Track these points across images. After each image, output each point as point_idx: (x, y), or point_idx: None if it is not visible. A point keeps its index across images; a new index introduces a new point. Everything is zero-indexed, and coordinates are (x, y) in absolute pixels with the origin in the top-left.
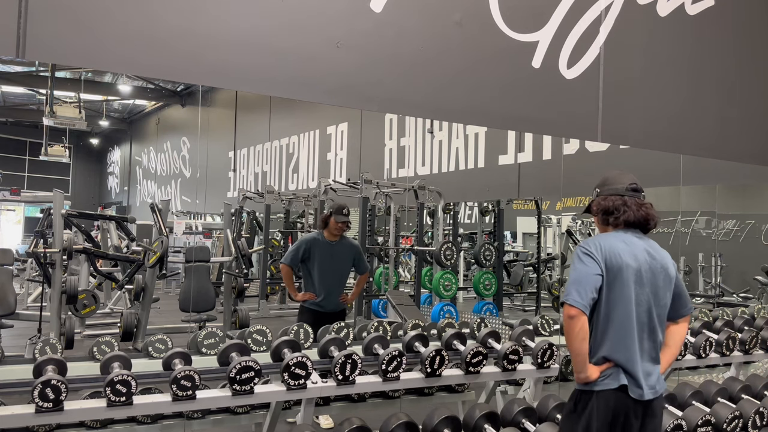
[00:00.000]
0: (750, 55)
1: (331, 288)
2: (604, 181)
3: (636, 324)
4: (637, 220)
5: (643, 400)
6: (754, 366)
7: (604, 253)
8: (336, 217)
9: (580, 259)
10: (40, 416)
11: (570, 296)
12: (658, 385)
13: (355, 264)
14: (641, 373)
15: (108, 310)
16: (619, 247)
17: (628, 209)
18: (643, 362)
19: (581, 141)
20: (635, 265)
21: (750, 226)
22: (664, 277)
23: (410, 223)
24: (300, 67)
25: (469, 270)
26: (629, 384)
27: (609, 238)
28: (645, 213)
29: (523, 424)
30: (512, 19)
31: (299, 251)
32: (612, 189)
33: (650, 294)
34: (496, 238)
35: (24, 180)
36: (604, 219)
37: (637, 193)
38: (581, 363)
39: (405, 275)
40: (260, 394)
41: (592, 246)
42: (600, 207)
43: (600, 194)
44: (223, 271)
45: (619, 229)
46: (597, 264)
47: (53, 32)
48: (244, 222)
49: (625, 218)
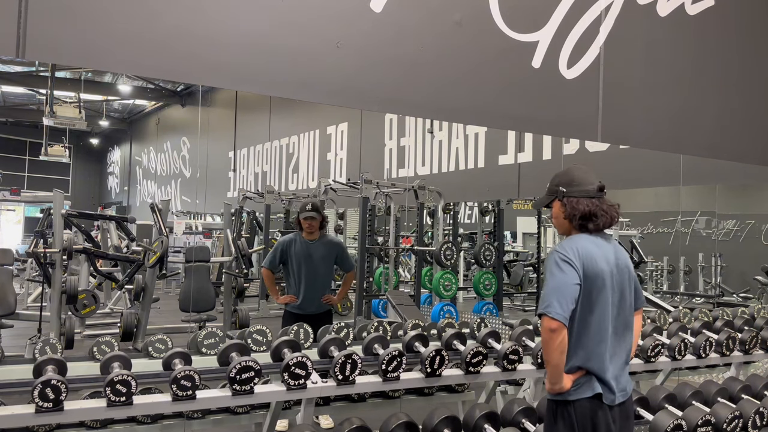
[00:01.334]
0: (750, 55)
1: (310, 289)
2: (571, 179)
3: (611, 329)
4: (609, 223)
5: (616, 405)
6: (754, 366)
7: (582, 259)
8: (301, 215)
9: (558, 266)
10: (40, 416)
11: (551, 308)
12: (628, 385)
13: (339, 262)
14: (614, 379)
15: (108, 310)
16: (594, 252)
17: (605, 214)
18: (614, 367)
19: (581, 141)
20: (608, 269)
21: (750, 226)
22: (628, 276)
23: (410, 223)
24: (300, 67)
25: (469, 270)
26: (603, 391)
27: (583, 242)
28: (614, 215)
29: (523, 424)
30: (512, 19)
31: (277, 254)
32: (582, 191)
33: (619, 297)
34: (496, 238)
35: (24, 180)
36: (581, 224)
37: (603, 193)
38: (558, 375)
39: (405, 275)
40: (260, 394)
41: (570, 252)
42: (577, 211)
43: (568, 194)
44: (223, 271)
45: (588, 233)
46: (576, 272)
47: (53, 32)
48: (244, 222)
49: (603, 223)
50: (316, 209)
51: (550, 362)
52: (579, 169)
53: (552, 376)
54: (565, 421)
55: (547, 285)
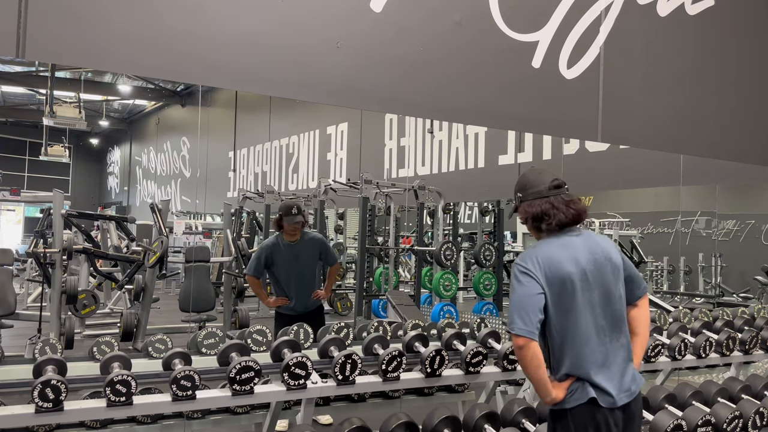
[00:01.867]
0: (750, 55)
1: (300, 289)
2: (525, 184)
3: (594, 330)
4: (569, 219)
5: (618, 407)
6: (754, 366)
7: (543, 266)
8: (286, 219)
9: (517, 279)
10: (40, 416)
11: (514, 324)
12: (633, 385)
13: (322, 257)
14: (610, 381)
15: (108, 310)
16: (558, 256)
17: (558, 211)
18: (610, 368)
19: (581, 141)
20: (578, 270)
21: (750, 226)
22: (612, 268)
23: (410, 223)
24: (300, 67)
25: (469, 270)
26: (598, 395)
27: (545, 248)
28: (575, 210)
29: (523, 424)
30: (512, 19)
31: (261, 259)
32: (535, 192)
33: (601, 294)
34: (496, 238)
35: (24, 180)
36: (536, 226)
37: (560, 190)
38: (543, 388)
39: (405, 275)
40: (260, 394)
41: (528, 262)
42: (528, 214)
43: (524, 199)
44: (223, 271)
45: (553, 234)
46: (536, 282)
47: (53, 32)
48: (244, 222)
49: (557, 221)
50: (300, 212)
51: (530, 378)
52: (533, 171)
53: (538, 390)
54: (564, 429)
55: (510, 300)
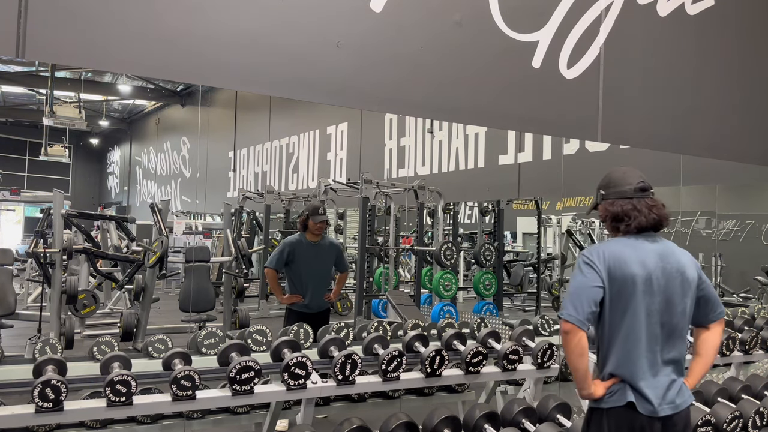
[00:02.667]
0: (750, 55)
1: (316, 288)
2: (609, 181)
3: (646, 336)
4: (649, 224)
5: (659, 417)
6: (754, 366)
7: (607, 262)
8: (313, 218)
9: (580, 269)
10: (40, 416)
11: (565, 310)
12: (679, 398)
13: (336, 263)
14: (652, 389)
15: (108, 310)
16: (626, 255)
17: (639, 214)
18: (656, 377)
19: (581, 141)
20: (644, 273)
21: (750, 226)
22: (681, 281)
23: (410, 223)
24: (300, 67)
25: (469, 270)
26: (637, 401)
27: (615, 245)
28: (656, 215)
29: (523, 424)
30: (512, 19)
31: (283, 254)
32: (619, 192)
33: (663, 302)
34: (496, 238)
35: (24, 180)
36: (614, 226)
37: (645, 193)
38: (581, 379)
39: (405, 275)
40: (260, 394)
41: (594, 255)
42: (608, 213)
43: (606, 197)
44: (223, 271)
45: (629, 235)
46: (597, 275)
47: (53, 32)
48: (244, 222)
49: (636, 224)
50: (326, 212)
51: (571, 366)
52: (619, 170)
53: (577, 381)
54: (598, 429)
55: (568, 289)
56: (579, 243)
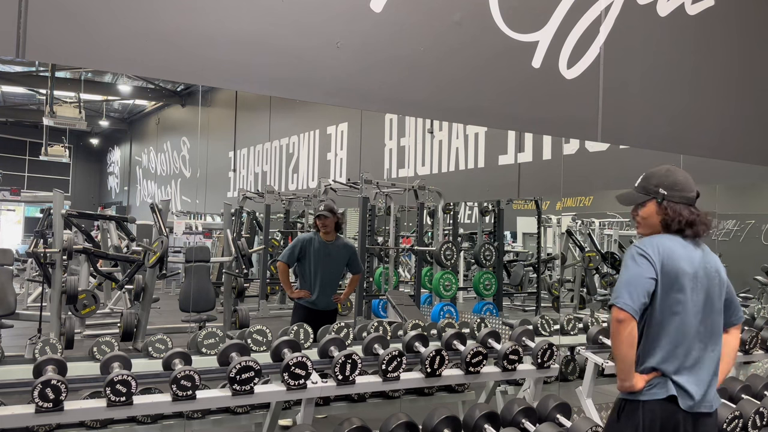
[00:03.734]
0: (750, 55)
1: (325, 286)
2: (674, 183)
3: (694, 332)
4: (703, 233)
5: (695, 413)
6: (754, 366)
7: (662, 255)
8: (316, 217)
9: (634, 259)
10: (40, 416)
11: (620, 299)
12: (715, 401)
13: (349, 264)
14: (695, 385)
15: (108, 310)
16: (677, 251)
17: (703, 225)
18: (698, 373)
19: (581, 141)
20: (692, 271)
21: (750, 226)
22: (718, 281)
23: (410, 223)
24: (300, 67)
25: (469, 270)
26: (679, 395)
27: (667, 241)
28: (706, 226)
29: (523, 424)
30: (512, 19)
31: (295, 250)
32: (684, 197)
33: (706, 300)
34: (496, 238)
35: (24, 180)
36: (679, 229)
37: (697, 200)
38: (627, 371)
39: (405, 275)
40: (260, 394)
41: (648, 247)
42: (680, 217)
43: (668, 198)
44: (223, 271)
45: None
46: (652, 267)
47: (53, 32)
48: (244, 222)
49: (699, 231)
50: (330, 209)
51: (618, 355)
52: (681, 173)
53: (621, 372)
54: (630, 420)
55: (621, 277)
56: (579, 243)
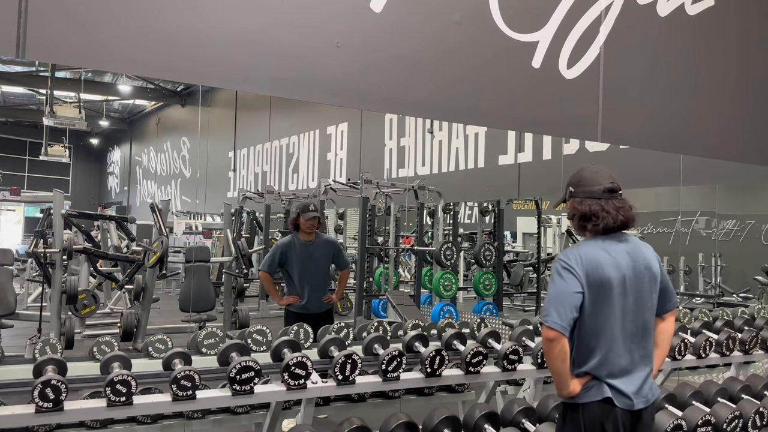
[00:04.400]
0: (750, 55)
1: (313, 288)
2: (579, 179)
3: (622, 336)
4: (617, 225)
5: (633, 410)
6: (754, 366)
7: (585, 266)
8: (304, 216)
9: (559, 274)
10: (40, 416)
11: (549, 317)
12: (650, 393)
13: (335, 260)
14: (629, 384)
15: (108, 310)
16: (602, 259)
17: (607, 215)
18: (632, 373)
19: (581, 141)
20: (618, 275)
21: (750, 226)
22: (649, 278)
23: (410, 223)
24: (300, 67)
25: (469, 270)
26: (614, 395)
27: (589, 248)
28: (624, 217)
29: (523, 424)
30: (512, 19)
31: (276, 256)
32: (587, 191)
33: (635, 301)
34: (496, 238)
35: (24, 180)
36: (581, 225)
37: (614, 194)
38: (563, 382)
39: (405, 275)
40: (260, 394)
41: (572, 260)
42: (576, 211)
43: (575, 195)
44: (223, 271)
45: (598, 235)
46: (577, 280)
47: (53, 32)
48: (244, 222)
49: (603, 225)
50: (317, 209)
51: (553, 371)
52: (590, 169)
53: (557, 384)
54: (573, 423)
55: (549, 293)
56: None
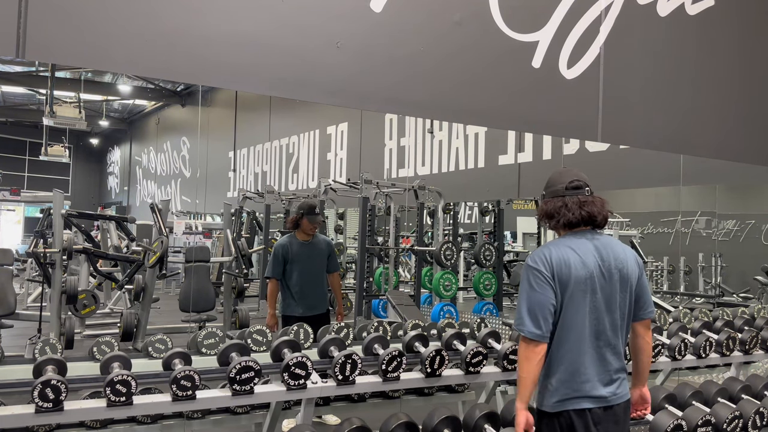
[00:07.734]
0: (750, 55)
1: (311, 287)
2: (548, 182)
3: (592, 334)
4: (579, 220)
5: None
6: (754, 366)
7: (553, 267)
8: (309, 218)
9: (530, 282)
10: (40, 416)
11: (525, 327)
12: (621, 389)
13: (329, 260)
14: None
15: (108, 310)
16: (568, 257)
17: (568, 211)
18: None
19: (581, 141)
20: (585, 274)
21: (750, 226)
22: (620, 278)
23: (410, 223)
24: (300, 67)
25: (469, 270)
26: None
27: (556, 248)
28: (587, 212)
29: None
30: (512, 19)
31: (279, 259)
32: (553, 191)
33: (604, 300)
34: (496, 238)
35: (24, 180)
36: (546, 223)
37: (578, 191)
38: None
39: (405, 275)
40: (260, 394)
41: (539, 263)
42: (542, 211)
43: (544, 197)
44: (223, 271)
45: (566, 233)
46: (549, 285)
47: (53, 32)
48: (244, 222)
49: (564, 221)
50: (323, 212)
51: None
52: (558, 171)
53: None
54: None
55: (522, 300)
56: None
